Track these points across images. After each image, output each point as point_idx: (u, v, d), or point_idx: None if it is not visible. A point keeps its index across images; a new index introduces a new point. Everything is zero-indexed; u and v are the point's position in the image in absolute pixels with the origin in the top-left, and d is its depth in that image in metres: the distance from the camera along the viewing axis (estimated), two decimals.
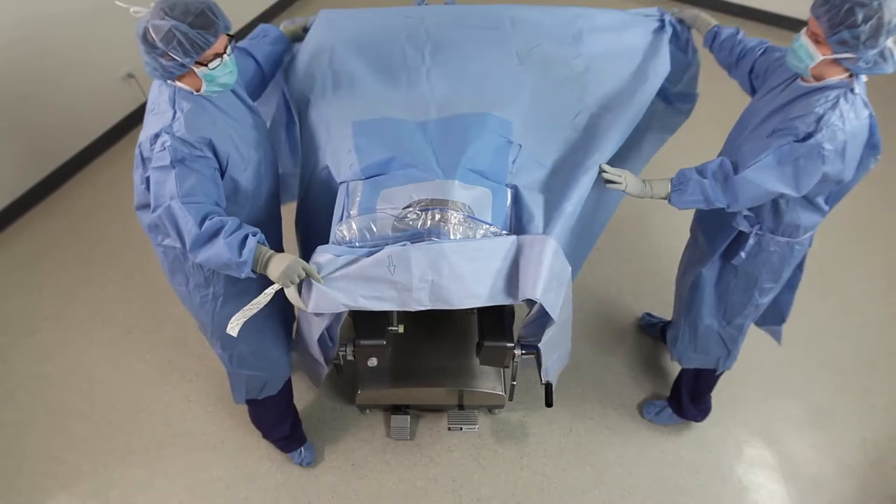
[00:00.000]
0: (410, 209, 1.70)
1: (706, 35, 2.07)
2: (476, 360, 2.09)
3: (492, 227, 1.71)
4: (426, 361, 2.34)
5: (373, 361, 2.00)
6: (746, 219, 1.87)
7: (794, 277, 2.08)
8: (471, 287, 1.66)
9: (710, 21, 2.08)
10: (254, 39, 2.05)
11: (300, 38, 2.19)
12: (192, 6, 1.52)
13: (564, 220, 1.75)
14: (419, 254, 1.61)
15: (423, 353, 2.35)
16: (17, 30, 2.88)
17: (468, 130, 1.86)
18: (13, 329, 2.83)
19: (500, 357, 1.99)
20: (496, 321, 2.03)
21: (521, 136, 1.91)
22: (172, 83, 1.62)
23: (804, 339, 2.81)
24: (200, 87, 1.61)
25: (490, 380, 2.31)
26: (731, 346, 2.21)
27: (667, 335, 2.37)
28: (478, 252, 1.66)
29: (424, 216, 1.68)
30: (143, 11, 1.55)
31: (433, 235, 1.66)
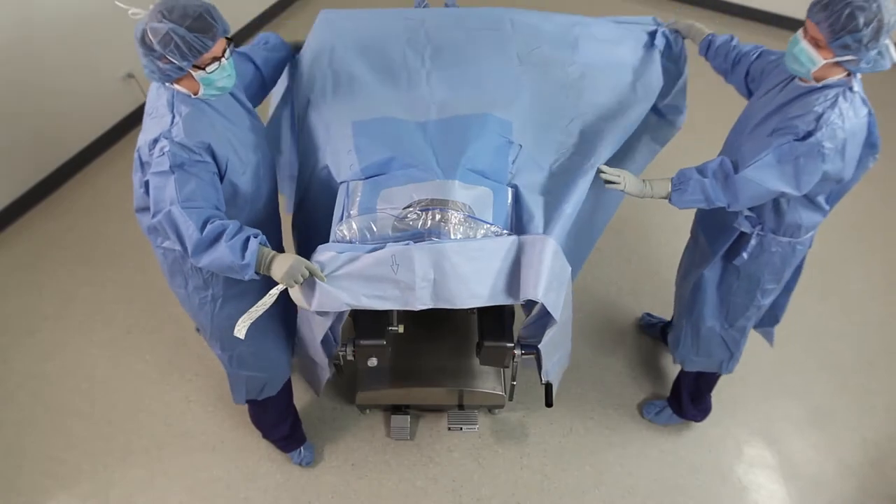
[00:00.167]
0: (411, 209, 1.70)
1: (701, 43, 2.08)
2: (476, 360, 2.09)
3: (492, 227, 1.71)
4: (426, 361, 2.34)
5: (373, 361, 2.00)
6: (748, 219, 1.87)
7: (792, 279, 2.08)
8: (472, 287, 1.66)
9: (704, 30, 2.09)
10: (254, 46, 2.05)
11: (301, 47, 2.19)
12: (191, 9, 1.51)
13: (563, 222, 1.76)
14: (422, 253, 1.61)
15: (423, 353, 2.35)
16: (17, 30, 2.88)
17: (468, 130, 1.86)
18: (13, 329, 2.83)
19: (500, 357, 1.99)
20: (496, 321, 2.03)
21: (521, 137, 1.91)
22: (171, 86, 1.61)
23: (804, 339, 2.81)
24: (198, 91, 1.60)
25: (490, 380, 2.31)
26: (734, 349, 2.21)
27: (668, 337, 2.37)
28: (479, 252, 1.66)
29: (425, 216, 1.68)
30: (142, 13, 1.55)
31: (433, 235, 1.66)
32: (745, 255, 1.91)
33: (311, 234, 1.97)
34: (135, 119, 3.63)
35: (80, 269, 3.04)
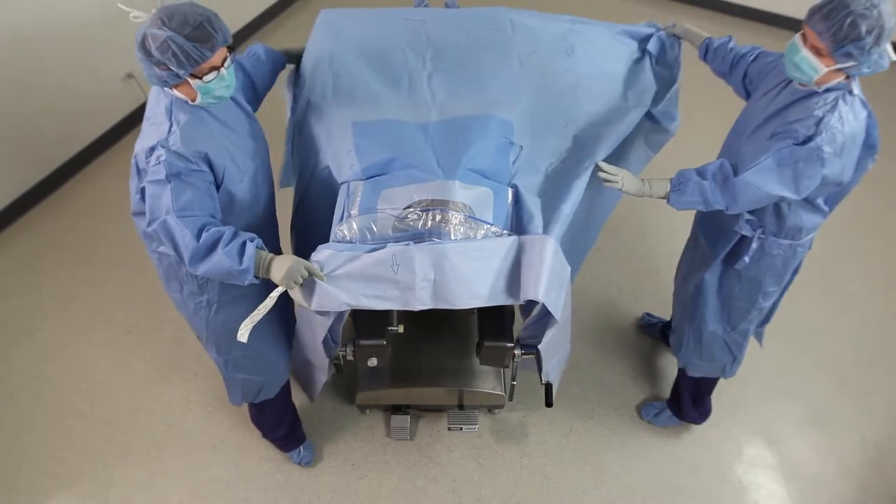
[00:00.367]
0: (411, 209, 1.70)
1: (699, 47, 2.08)
2: (476, 360, 2.09)
3: (492, 227, 1.71)
4: (426, 361, 2.34)
5: (373, 361, 2.00)
6: (749, 223, 1.86)
7: (788, 279, 2.08)
8: (472, 287, 1.66)
9: (702, 34, 2.09)
10: (243, 56, 2.03)
11: (297, 54, 2.17)
12: (191, 17, 1.49)
13: (561, 223, 1.77)
14: (422, 254, 1.61)
15: (423, 353, 2.35)
16: (18, 30, 2.88)
17: (469, 131, 1.86)
18: (13, 329, 2.83)
19: (500, 357, 1.99)
20: (496, 321, 2.03)
21: (520, 138, 1.91)
22: (170, 91, 1.60)
23: (804, 340, 2.81)
24: (196, 98, 1.59)
25: (490, 380, 2.31)
26: (737, 352, 2.21)
27: (670, 339, 2.37)
28: (479, 252, 1.66)
29: (425, 216, 1.68)
30: (144, 17, 1.54)
31: (434, 236, 1.66)
32: (747, 259, 1.91)
33: (311, 235, 1.97)
34: (135, 119, 3.63)
35: (80, 269, 3.04)
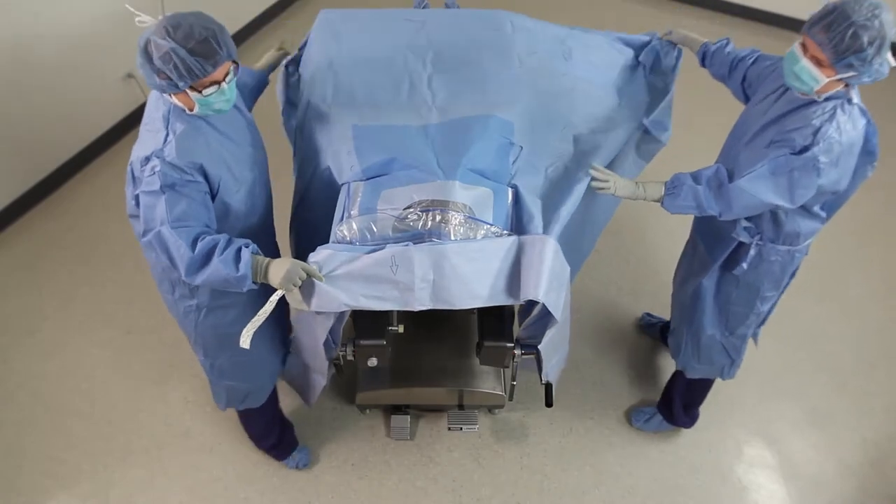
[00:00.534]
0: (411, 210, 1.70)
1: (697, 53, 2.08)
2: (476, 360, 2.09)
3: (492, 228, 1.71)
4: (426, 361, 2.34)
5: (373, 361, 2.00)
6: (746, 230, 1.86)
7: (785, 284, 2.06)
8: (472, 287, 1.66)
9: (699, 39, 2.08)
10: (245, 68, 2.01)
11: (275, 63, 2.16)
12: (197, 31, 1.46)
13: (560, 224, 1.78)
14: (421, 254, 1.61)
15: (423, 353, 2.36)
16: (18, 31, 2.88)
17: (469, 132, 1.86)
18: (13, 329, 2.83)
19: (500, 357, 1.99)
20: (496, 321, 2.03)
21: (520, 138, 1.91)
22: (169, 98, 1.57)
23: (803, 341, 2.81)
24: (194, 108, 1.56)
25: (490, 380, 2.31)
26: (735, 356, 2.21)
27: (669, 342, 2.37)
28: (479, 252, 1.66)
29: (425, 217, 1.68)
30: (149, 22, 1.52)
31: (434, 236, 1.66)
32: (745, 266, 1.91)
33: (311, 236, 1.97)
34: (135, 119, 3.63)
35: (80, 269, 3.04)
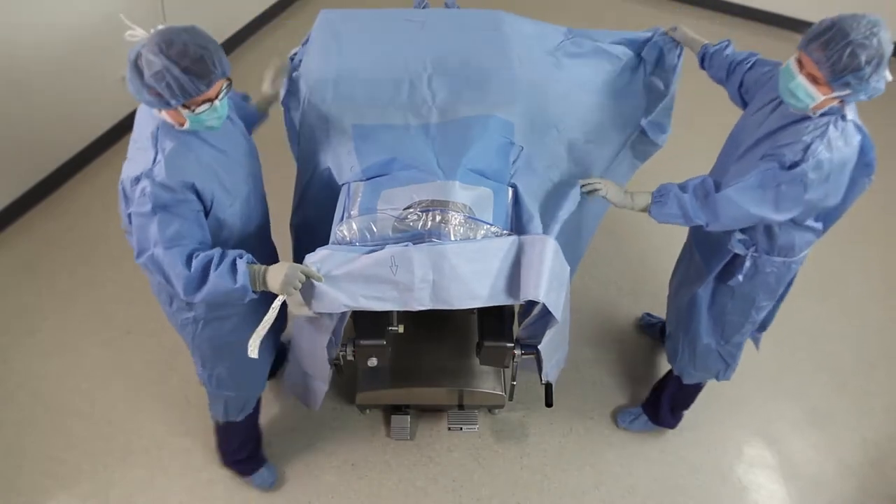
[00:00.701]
0: (411, 210, 1.70)
1: (697, 54, 2.07)
2: (476, 360, 2.09)
3: (492, 228, 1.72)
4: (426, 361, 2.35)
5: (373, 361, 2.00)
6: (741, 242, 1.85)
7: (783, 290, 2.06)
8: (472, 287, 1.67)
9: (700, 40, 2.07)
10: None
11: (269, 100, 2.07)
12: (191, 49, 1.42)
13: (559, 224, 1.78)
14: (421, 254, 1.61)
15: (423, 353, 2.36)
16: (17, 31, 2.88)
17: (469, 132, 1.86)
18: (13, 329, 2.82)
19: (500, 357, 1.99)
20: (496, 321, 2.03)
21: (520, 138, 1.92)
22: (158, 113, 1.53)
23: (803, 341, 2.81)
24: (184, 124, 1.52)
25: (490, 380, 2.32)
26: (731, 361, 2.22)
27: (666, 346, 2.37)
28: (478, 253, 1.67)
29: (425, 217, 1.68)
30: (140, 36, 1.47)
31: (434, 236, 1.66)
32: (741, 278, 1.90)
33: (311, 236, 1.97)
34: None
35: (80, 269, 3.04)
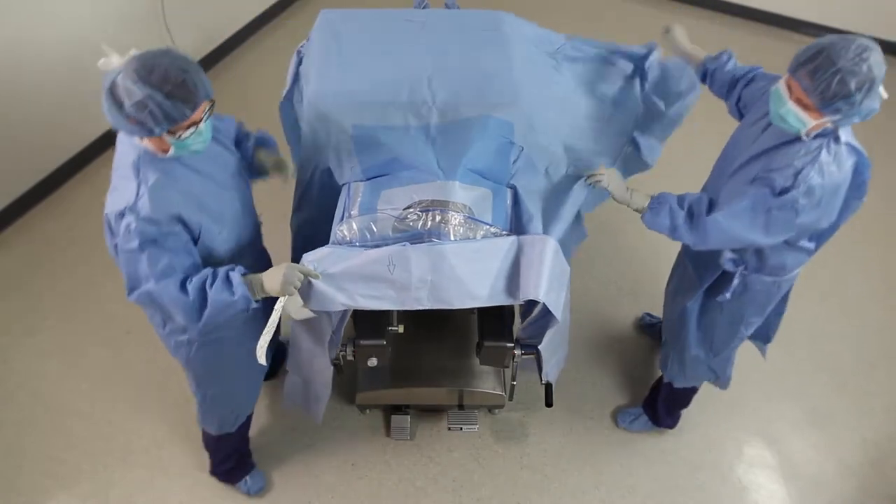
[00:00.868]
0: (411, 210, 1.70)
1: (697, 70, 2.03)
2: (476, 360, 2.09)
3: (492, 228, 1.72)
4: (426, 361, 2.35)
5: (373, 361, 2.00)
6: (732, 260, 1.85)
7: (782, 303, 2.06)
8: (470, 288, 1.67)
9: (699, 55, 2.02)
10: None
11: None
12: (172, 73, 1.36)
13: (560, 225, 1.78)
14: (419, 254, 1.62)
15: (423, 353, 2.36)
16: (18, 31, 2.88)
17: (469, 132, 1.86)
18: (13, 329, 2.82)
19: (500, 357, 1.99)
20: (496, 321, 2.03)
21: (520, 139, 1.92)
22: (139, 141, 1.47)
23: (803, 341, 2.81)
24: (168, 150, 1.47)
25: (490, 380, 2.32)
26: (720, 373, 2.22)
27: (660, 353, 2.37)
28: (478, 253, 1.67)
29: (425, 217, 1.68)
30: (115, 61, 1.41)
31: (433, 236, 1.66)
32: (728, 295, 1.89)
33: (311, 236, 1.97)
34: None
35: (81, 269, 3.04)
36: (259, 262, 1.92)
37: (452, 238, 1.67)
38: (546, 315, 1.78)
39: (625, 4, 4.58)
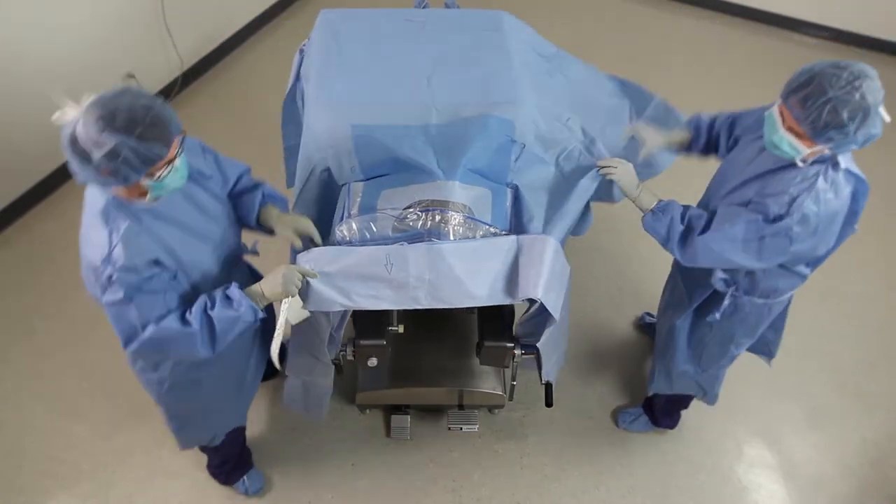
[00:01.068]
0: (411, 210, 1.70)
1: (681, 149, 1.99)
2: (476, 360, 2.09)
3: (491, 228, 1.72)
4: (426, 361, 2.35)
5: (373, 361, 2.00)
6: (723, 280, 1.82)
7: (780, 318, 2.04)
8: (469, 287, 1.67)
9: (675, 137, 1.95)
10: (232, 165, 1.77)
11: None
12: (139, 114, 1.27)
13: (566, 220, 1.77)
14: (417, 254, 1.62)
15: (423, 353, 2.36)
16: (18, 31, 2.88)
17: (469, 132, 1.86)
18: (13, 329, 2.82)
19: (500, 357, 1.99)
20: (496, 321, 2.03)
21: (523, 135, 1.91)
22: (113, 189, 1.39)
23: (803, 341, 2.81)
24: (146, 195, 1.39)
25: (490, 380, 2.32)
26: (709, 389, 2.22)
27: (651, 364, 2.37)
28: (476, 252, 1.67)
29: (425, 217, 1.68)
30: (70, 113, 1.28)
31: (433, 236, 1.66)
32: (718, 316, 1.87)
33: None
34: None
35: (80, 269, 3.03)
36: (243, 272, 1.88)
37: (452, 238, 1.67)
38: (543, 313, 1.78)
39: (625, 4, 4.58)
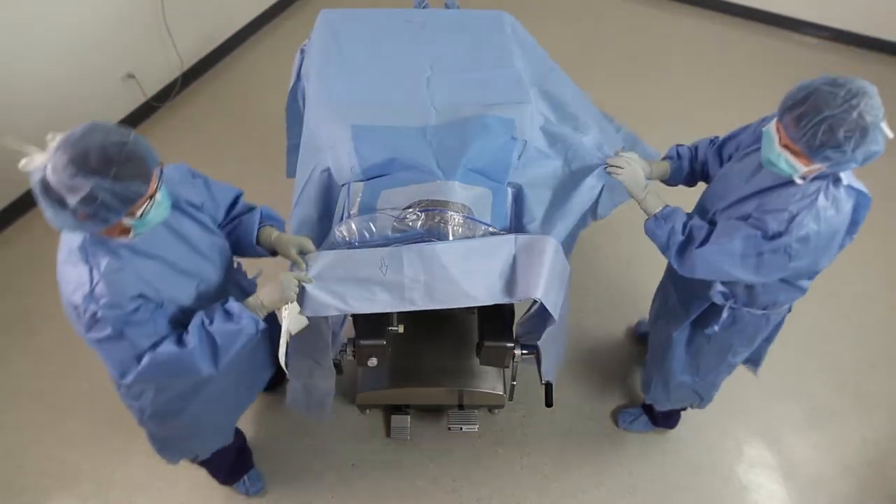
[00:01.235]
0: (410, 210, 1.70)
1: (668, 179, 1.97)
2: (476, 360, 2.09)
3: (491, 228, 1.72)
4: (426, 361, 2.35)
5: (373, 361, 2.00)
6: (721, 293, 1.80)
7: (774, 331, 2.03)
8: (465, 287, 1.66)
9: (660, 170, 1.92)
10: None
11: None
12: (112, 152, 1.18)
13: (568, 220, 1.77)
14: (411, 255, 1.61)
15: (423, 354, 2.36)
16: (18, 31, 2.88)
17: (469, 132, 1.86)
18: (13, 329, 2.82)
19: (501, 357, 1.99)
20: (496, 321, 2.03)
21: (526, 132, 1.91)
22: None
23: (803, 341, 2.81)
24: (129, 232, 1.33)
25: (490, 380, 2.31)
26: (705, 395, 2.22)
27: (644, 372, 2.36)
28: (473, 252, 1.66)
29: (424, 217, 1.68)
30: (38, 159, 1.20)
31: (433, 236, 1.66)
32: (717, 328, 1.86)
33: (309, 236, 1.97)
34: (135, 119, 3.63)
35: None
36: (236, 286, 1.84)
37: (452, 238, 1.67)
38: (543, 313, 1.77)
39: (625, 4, 4.58)
